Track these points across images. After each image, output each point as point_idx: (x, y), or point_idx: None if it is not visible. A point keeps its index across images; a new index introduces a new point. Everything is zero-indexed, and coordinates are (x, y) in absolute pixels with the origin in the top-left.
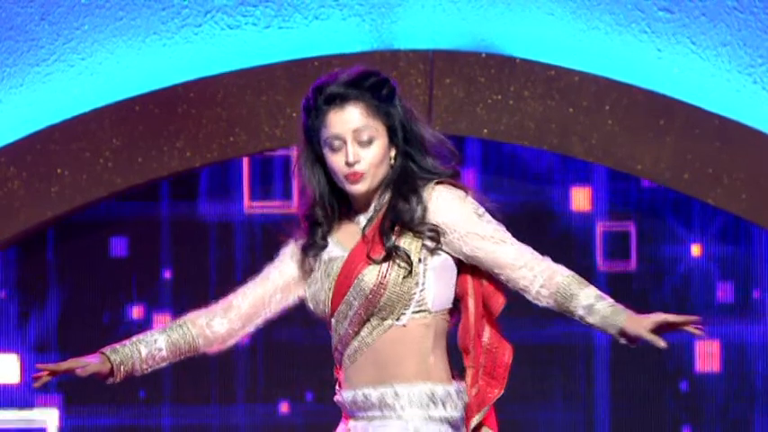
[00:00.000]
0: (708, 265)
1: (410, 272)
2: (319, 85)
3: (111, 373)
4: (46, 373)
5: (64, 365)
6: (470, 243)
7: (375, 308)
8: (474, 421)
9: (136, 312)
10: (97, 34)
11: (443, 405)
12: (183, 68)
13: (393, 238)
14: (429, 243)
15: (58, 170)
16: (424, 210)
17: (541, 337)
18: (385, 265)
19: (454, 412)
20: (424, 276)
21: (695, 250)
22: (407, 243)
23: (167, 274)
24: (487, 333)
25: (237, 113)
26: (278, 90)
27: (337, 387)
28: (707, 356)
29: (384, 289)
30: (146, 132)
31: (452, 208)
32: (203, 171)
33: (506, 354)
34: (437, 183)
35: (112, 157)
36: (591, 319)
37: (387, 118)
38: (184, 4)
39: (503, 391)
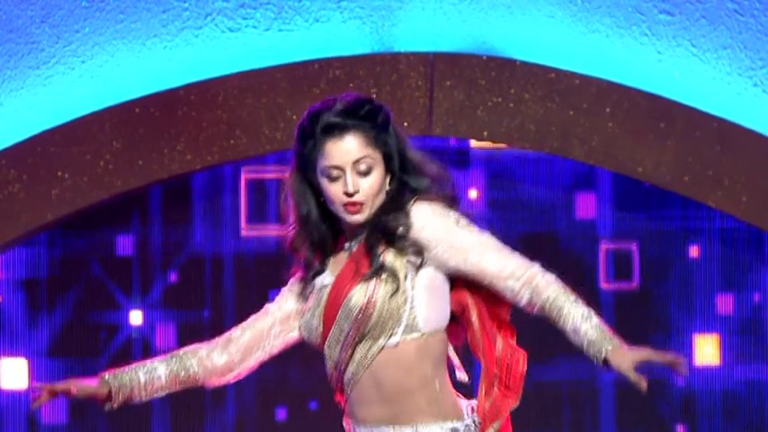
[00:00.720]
0: (708, 271)
1: (397, 288)
2: (315, 113)
3: (110, 397)
4: (44, 393)
5: (61, 386)
6: (454, 256)
7: (366, 328)
8: None
9: (143, 316)
10: (98, 37)
11: None
12: (183, 71)
13: (379, 252)
14: (413, 259)
15: (59, 173)
16: (407, 226)
17: (546, 373)
18: (372, 283)
19: None
20: (413, 293)
21: (694, 253)
22: (393, 260)
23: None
24: (500, 343)
25: (238, 116)
26: (278, 93)
27: (344, 413)
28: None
29: (373, 308)
30: (146, 135)
31: (433, 222)
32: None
33: (521, 362)
34: (416, 199)
35: (113, 160)
36: (576, 340)
37: (383, 146)
38: (185, 6)
39: (518, 402)
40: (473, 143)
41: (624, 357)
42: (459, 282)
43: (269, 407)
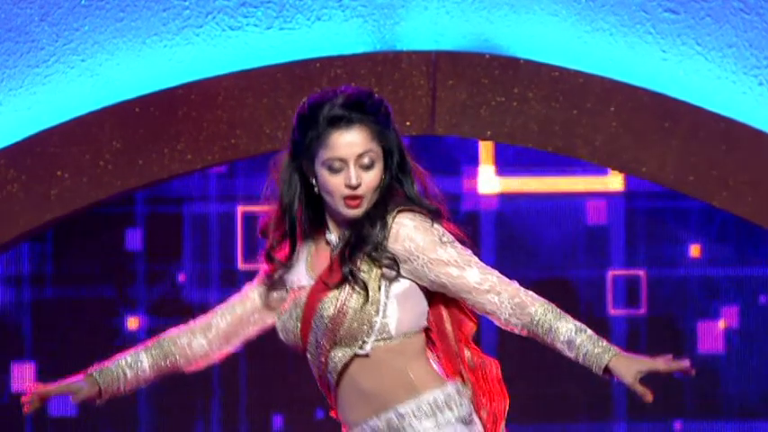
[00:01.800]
0: (712, 275)
1: (368, 299)
2: (317, 103)
3: (99, 394)
4: (35, 398)
5: (53, 390)
6: (434, 269)
7: (337, 336)
8: None
9: (150, 317)
10: (97, 35)
11: (449, 407)
12: (183, 70)
13: (350, 264)
14: (387, 271)
15: (58, 172)
16: (384, 237)
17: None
18: (344, 293)
19: (461, 410)
20: (386, 304)
21: (695, 252)
22: (367, 269)
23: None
24: (468, 353)
25: (239, 115)
26: (279, 92)
27: (341, 424)
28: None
29: (343, 318)
30: (146, 134)
31: (415, 235)
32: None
33: (493, 368)
34: (400, 210)
35: (113, 160)
36: (571, 354)
37: (385, 141)
38: (185, 5)
39: (508, 399)
40: (482, 189)
41: (628, 368)
42: (434, 296)
43: (263, 414)
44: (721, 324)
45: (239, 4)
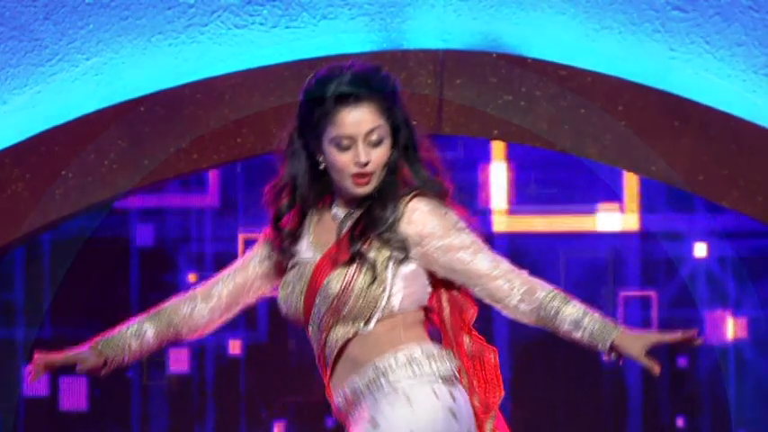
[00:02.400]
0: (723, 291)
1: (375, 279)
2: (324, 79)
3: (104, 364)
4: (41, 367)
5: (59, 360)
6: (446, 254)
7: (340, 314)
8: (486, 430)
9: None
10: (102, 34)
11: (428, 363)
12: (189, 68)
13: (360, 244)
14: (396, 253)
15: (63, 172)
16: (397, 220)
17: None
18: (351, 271)
19: (442, 367)
20: (392, 284)
21: (701, 251)
22: (376, 250)
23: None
24: (467, 341)
25: (245, 114)
26: (285, 91)
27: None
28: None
29: (348, 296)
30: (151, 133)
31: (429, 220)
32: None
33: (492, 356)
34: (415, 194)
35: (117, 159)
36: (577, 335)
37: (393, 118)
38: (190, 3)
39: (503, 392)
40: (495, 228)
41: (634, 343)
42: (437, 281)
43: (263, 420)
44: (730, 335)
45: (245, 2)
